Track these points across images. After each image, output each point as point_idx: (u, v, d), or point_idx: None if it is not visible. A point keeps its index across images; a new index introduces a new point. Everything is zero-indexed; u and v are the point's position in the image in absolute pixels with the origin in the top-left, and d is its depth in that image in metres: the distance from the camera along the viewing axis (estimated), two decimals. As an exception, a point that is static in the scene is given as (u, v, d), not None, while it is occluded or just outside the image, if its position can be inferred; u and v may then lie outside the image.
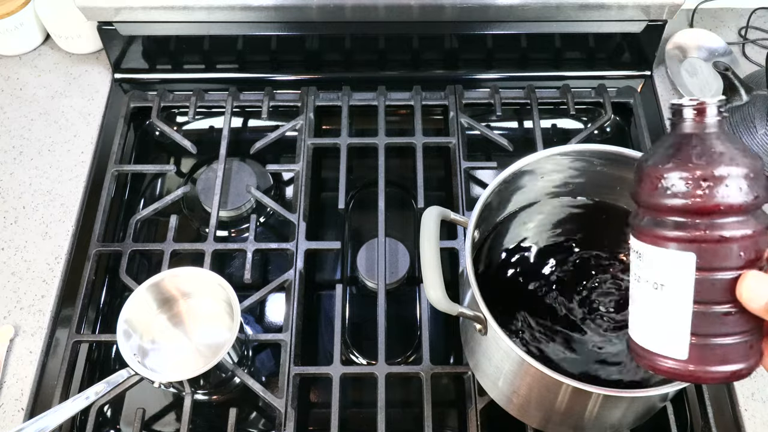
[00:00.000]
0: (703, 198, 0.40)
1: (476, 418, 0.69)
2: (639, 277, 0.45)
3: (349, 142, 0.87)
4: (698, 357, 0.42)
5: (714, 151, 0.41)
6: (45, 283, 0.78)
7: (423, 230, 0.58)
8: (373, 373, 0.72)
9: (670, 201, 0.41)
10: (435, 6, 0.85)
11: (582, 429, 0.61)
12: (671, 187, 0.41)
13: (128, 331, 0.68)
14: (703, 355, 0.42)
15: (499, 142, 0.88)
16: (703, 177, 0.40)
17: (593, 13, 0.86)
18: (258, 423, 0.74)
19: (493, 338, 0.55)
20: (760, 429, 0.70)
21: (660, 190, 0.42)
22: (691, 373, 0.43)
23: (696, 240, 0.41)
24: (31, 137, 0.90)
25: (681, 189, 0.41)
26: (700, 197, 0.40)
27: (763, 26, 1.01)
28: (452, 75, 0.96)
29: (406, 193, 0.89)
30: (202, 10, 0.86)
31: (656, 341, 0.44)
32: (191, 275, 0.71)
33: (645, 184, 0.43)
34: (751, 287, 0.40)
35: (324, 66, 0.96)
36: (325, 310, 0.80)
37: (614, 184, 0.64)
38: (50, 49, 0.98)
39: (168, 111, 0.94)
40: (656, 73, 0.97)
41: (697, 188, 0.40)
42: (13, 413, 0.70)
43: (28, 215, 0.83)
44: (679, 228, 0.41)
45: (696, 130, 0.42)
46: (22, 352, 0.74)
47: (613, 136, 0.93)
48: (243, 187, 0.86)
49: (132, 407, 0.73)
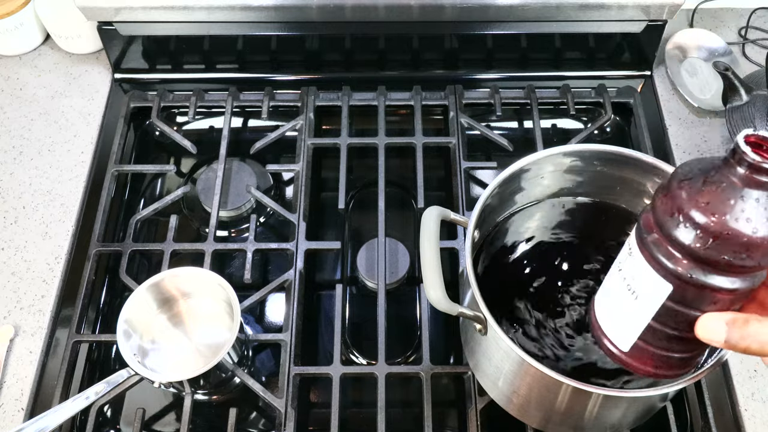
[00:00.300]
0: (708, 251, 0.39)
1: (476, 418, 0.69)
2: (621, 269, 0.46)
3: (349, 142, 0.87)
4: (636, 355, 0.46)
5: (746, 215, 0.38)
6: (45, 283, 0.78)
7: (423, 230, 0.58)
8: (373, 373, 0.72)
9: (678, 234, 0.40)
10: (435, 6, 0.85)
11: (582, 429, 0.61)
12: (685, 225, 0.40)
13: (128, 331, 0.68)
14: (641, 355, 0.46)
15: (499, 142, 0.88)
16: (718, 234, 0.38)
17: (593, 13, 0.86)
18: (258, 423, 0.74)
19: (493, 338, 0.55)
20: (760, 429, 0.70)
21: (674, 219, 0.40)
22: (624, 362, 0.47)
23: (680, 279, 0.41)
24: (31, 137, 0.90)
25: (691, 233, 0.39)
26: (706, 249, 0.39)
27: (763, 26, 1.01)
28: (452, 75, 0.96)
29: (406, 193, 0.89)
30: (202, 10, 0.86)
31: (610, 326, 0.48)
32: (191, 275, 0.71)
33: (666, 205, 0.41)
34: (707, 327, 0.41)
35: (324, 66, 0.96)
36: (325, 310, 0.80)
37: (614, 184, 0.63)
38: (50, 49, 0.98)
39: (168, 111, 0.94)
40: (656, 73, 0.97)
41: (707, 240, 0.39)
42: (13, 413, 0.70)
43: (28, 215, 0.83)
44: (672, 260, 0.41)
45: (746, 185, 0.38)
46: (22, 352, 0.74)
47: (613, 136, 0.93)
48: (243, 187, 0.86)
49: (132, 407, 0.73)
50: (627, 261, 0.45)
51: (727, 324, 0.40)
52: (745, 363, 0.73)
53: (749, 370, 0.73)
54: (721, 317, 0.41)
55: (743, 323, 0.40)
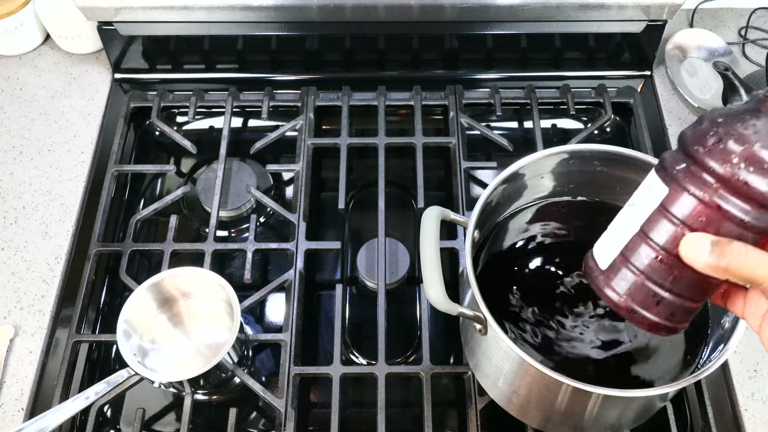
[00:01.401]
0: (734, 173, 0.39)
1: (476, 418, 0.69)
2: (632, 202, 0.45)
3: (349, 142, 0.87)
4: (610, 274, 0.45)
5: None
6: (45, 283, 0.78)
7: (423, 230, 0.58)
8: (373, 373, 0.72)
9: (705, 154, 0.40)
10: (435, 6, 0.85)
11: (582, 429, 0.61)
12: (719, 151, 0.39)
13: (128, 331, 0.68)
14: (615, 275, 0.44)
15: (499, 142, 0.88)
16: (750, 160, 0.38)
17: (593, 13, 0.86)
18: (258, 423, 0.74)
19: (493, 338, 0.55)
20: (760, 429, 0.70)
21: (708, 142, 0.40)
22: (594, 281, 0.46)
23: (681, 186, 0.41)
24: (31, 137, 0.90)
25: (724, 158, 0.39)
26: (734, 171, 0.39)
27: (763, 26, 1.01)
28: (452, 75, 0.96)
29: (406, 193, 0.89)
30: (202, 10, 0.86)
31: (599, 244, 0.47)
32: (191, 275, 0.71)
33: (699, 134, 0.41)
34: (691, 243, 0.40)
35: (324, 66, 0.96)
36: (325, 310, 0.80)
37: (614, 184, 0.63)
38: (50, 49, 0.98)
39: (168, 111, 0.94)
40: (656, 73, 0.97)
41: (735, 164, 0.39)
42: (13, 413, 0.70)
43: (28, 215, 0.83)
44: (683, 172, 0.41)
45: None
46: (22, 352, 0.74)
47: (613, 136, 0.93)
48: (243, 187, 0.86)
49: (132, 407, 0.73)
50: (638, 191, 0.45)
51: (711, 243, 0.39)
52: (745, 363, 0.74)
53: (749, 370, 0.73)
54: (707, 236, 0.40)
55: (727, 243, 0.39)
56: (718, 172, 0.39)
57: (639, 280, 0.44)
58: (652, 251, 0.43)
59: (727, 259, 0.39)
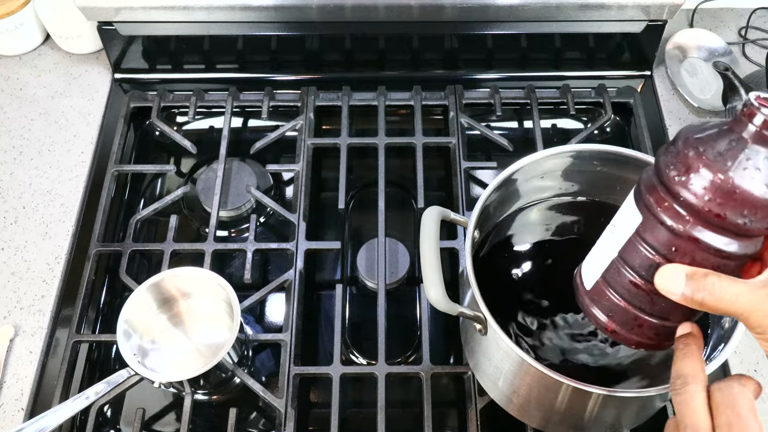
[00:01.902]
0: (706, 205, 0.38)
1: (476, 418, 0.69)
2: (613, 223, 0.46)
3: (349, 142, 0.87)
4: (595, 296, 0.46)
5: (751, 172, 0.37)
6: (45, 283, 0.78)
7: (423, 230, 0.58)
8: (373, 373, 0.72)
9: (677, 183, 0.39)
10: (435, 6, 0.85)
11: (582, 429, 0.61)
12: (690, 181, 0.38)
13: (128, 331, 0.68)
14: (598, 297, 0.46)
15: (499, 142, 0.88)
16: (723, 191, 0.37)
17: (593, 13, 0.86)
18: (258, 423, 0.74)
19: (493, 338, 0.55)
20: (760, 429, 0.70)
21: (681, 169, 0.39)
22: (579, 300, 0.48)
23: (654, 216, 0.40)
24: (31, 137, 0.90)
25: (695, 189, 0.38)
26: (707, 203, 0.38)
27: (763, 26, 1.01)
28: (452, 75, 0.96)
29: (406, 193, 0.89)
30: (202, 10, 0.86)
31: (586, 262, 0.49)
32: (191, 275, 0.71)
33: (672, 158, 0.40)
34: (666, 275, 0.40)
35: (324, 66, 0.96)
36: (325, 310, 0.80)
37: (614, 184, 0.63)
38: (50, 49, 0.98)
39: (168, 111, 0.94)
40: (656, 73, 0.97)
41: (707, 195, 0.37)
42: (13, 413, 0.70)
43: (28, 215, 0.83)
44: (656, 198, 0.40)
45: (755, 141, 0.38)
46: (22, 352, 0.74)
47: (613, 136, 0.93)
48: (243, 187, 0.86)
49: (132, 407, 0.73)
50: (618, 214, 0.45)
51: (686, 276, 0.39)
52: (745, 363, 0.73)
53: (749, 371, 0.73)
54: (682, 268, 0.39)
55: (702, 276, 0.38)
56: (689, 203, 0.38)
57: (620, 305, 0.44)
58: (629, 278, 0.43)
59: (701, 294, 0.38)
